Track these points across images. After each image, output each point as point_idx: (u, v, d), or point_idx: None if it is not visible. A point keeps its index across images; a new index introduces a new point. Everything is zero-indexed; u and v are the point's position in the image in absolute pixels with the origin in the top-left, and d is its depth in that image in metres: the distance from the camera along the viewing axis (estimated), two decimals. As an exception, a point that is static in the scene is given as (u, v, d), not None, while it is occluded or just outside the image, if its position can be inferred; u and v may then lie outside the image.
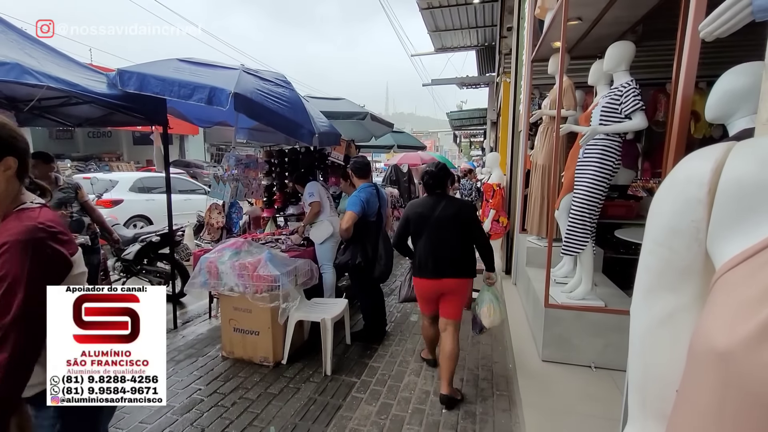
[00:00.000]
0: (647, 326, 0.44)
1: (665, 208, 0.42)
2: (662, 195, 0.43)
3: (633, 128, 2.42)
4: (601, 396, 2.27)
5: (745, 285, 0.32)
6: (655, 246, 0.43)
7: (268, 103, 3.02)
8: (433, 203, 2.55)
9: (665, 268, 0.42)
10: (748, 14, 0.82)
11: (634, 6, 2.73)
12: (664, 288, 0.42)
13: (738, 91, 1.31)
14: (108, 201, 6.57)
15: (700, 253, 0.39)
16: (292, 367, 2.96)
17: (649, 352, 0.44)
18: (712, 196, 0.37)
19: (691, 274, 0.40)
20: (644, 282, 0.45)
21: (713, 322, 0.33)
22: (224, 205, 3.77)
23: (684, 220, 0.40)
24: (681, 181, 0.41)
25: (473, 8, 8.01)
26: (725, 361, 0.31)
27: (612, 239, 3.72)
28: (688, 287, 0.41)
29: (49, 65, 2.51)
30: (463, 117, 15.96)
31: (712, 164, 0.38)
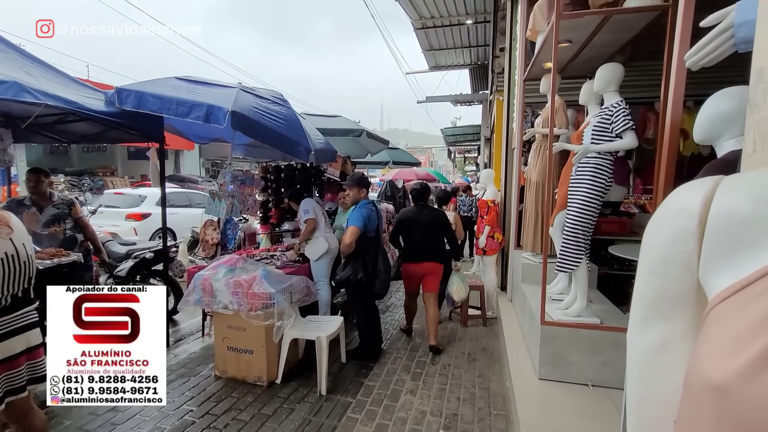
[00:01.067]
0: (643, 354, 0.45)
1: (658, 238, 0.44)
2: (655, 225, 0.44)
3: (624, 147, 2.48)
4: (598, 415, 2.25)
5: (737, 317, 0.33)
6: (648, 275, 0.44)
7: (265, 120, 3.06)
8: (419, 211, 3.70)
9: (659, 297, 0.43)
10: (731, 45, 0.86)
11: (621, 30, 2.81)
12: (658, 316, 0.43)
13: (724, 114, 1.35)
14: (138, 214, 7.07)
15: (693, 283, 0.40)
16: (286, 386, 2.91)
17: (646, 380, 0.44)
18: (702, 228, 0.39)
19: (684, 303, 0.41)
20: (639, 310, 0.46)
21: (707, 354, 0.34)
22: (219, 222, 3.76)
23: (676, 250, 0.41)
24: (672, 212, 0.42)
25: (466, 29, 8.22)
26: (720, 394, 0.31)
27: (606, 255, 3.75)
28: (682, 316, 0.42)
29: (47, 83, 2.53)
30: (458, 133, 16.16)
31: (702, 197, 0.39)
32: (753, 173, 0.38)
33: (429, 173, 11.86)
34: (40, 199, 3.16)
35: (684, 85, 1.09)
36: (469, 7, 7.31)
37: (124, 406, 2.60)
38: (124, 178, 19.63)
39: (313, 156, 3.55)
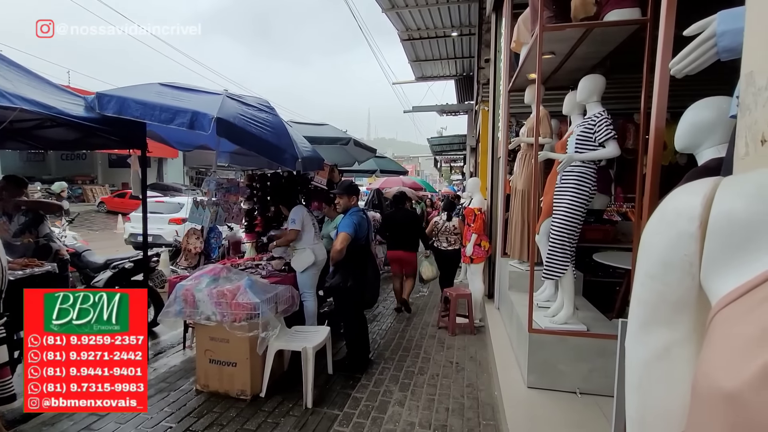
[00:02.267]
0: (644, 360, 0.44)
1: (656, 242, 0.43)
2: (652, 228, 0.43)
3: (606, 156, 2.52)
4: (587, 423, 2.25)
5: (745, 322, 0.32)
6: (647, 279, 0.43)
7: (250, 128, 3.01)
8: (398, 212, 5.13)
9: (659, 301, 0.42)
10: (713, 54, 0.88)
11: (602, 43, 2.89)
12: (658, 322, 0.42)
13: (703, 123, 1.38)
14: (179, 219, 8.42)
15: (694, 287, 0.39)
16: (270, 400, 2.82)
17: (647, 387, 0.43)
18: (703, 230, 0.38)
19: (685, 308, 0.40)
20: (639, 315, 0.45)
21: (716, 361, 0.33)
22: (203, 230, 3.68)
23: (676, 254, 0.40)
24: (671, 215, 0.41)
25: (452, 41, 8.38)
26: (733, 402, 0.30)
27: (590, 263, 3.80)
28: (683, 321, 0.41)
29: (23, 87, 2.45)
30: (444, 143, 16.33)
31: (702, 199, 0.38)
32: (753, 173, 0.38)
33: (416, 182, 11.91)
34: (9, 208, 3.05)
35: (667, 93, 1.11)
36: (454, 20, 7.46)
37: (99, 425, 2.48)
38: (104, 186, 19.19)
39: (300, 164, 3.52)
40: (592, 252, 3.80)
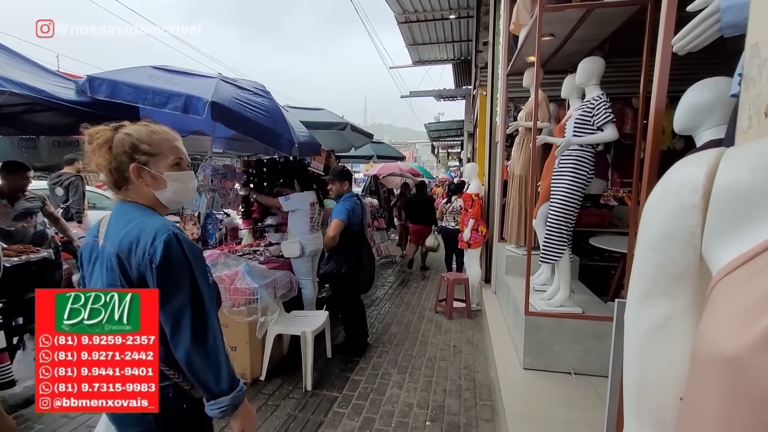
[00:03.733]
0: (643, 332, 0.44)
1: (658, 214, 0.42)
2: (654, 201, 0.43)
3: (605, 139, 2.52)
4: (581, 403, 2.30)
5: (746, 289, 0.32)
6: (648, 252, 0.43)
7: (246, 112, 2.97)
8: (419, 196, 6.85)
9: (660, 273, 0.42)
10: (716, 30, 0.87)
11: (602, 24, 2.85)
12: (659, 294, 0.42)
13: (703, 104, 1.38)
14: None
15: (695, 258, 0.39)
16: (270, 383, 2.86)
17: (645, 358, 0.44)
18: (706, 200, 0.38)
19: (686, 280, 0.41)
20: (639, 288, 0.45)
21: (716, 327, 0.33)
22: (200, 217, 3.66)
23: (678, 225, 0.40)
24: (674, 186, 0.41)
25: (449, 23, 8.23)
26: (733, 366, 0.31)
27: (587, 247, 3.84)
28: (684, 292, 0.41)
29: (12, 70, 2.38)
30: (441, 128, 16.23)
31: (705, 169, 0.38)
32: (757, 143, 0.38)
33: (413, 168, 11.86)
34: (14, 194, 3.05)
35: (668, 75, 1.10)
36: (452, 1, 7.31)
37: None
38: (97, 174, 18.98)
39: (296, 149, 3.48)
40: (588, 236, 3.82)
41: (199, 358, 1.03)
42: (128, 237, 1.02)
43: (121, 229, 1.04)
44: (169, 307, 1.02)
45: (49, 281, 3.00)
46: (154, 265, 1.00)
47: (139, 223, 1.04)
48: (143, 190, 1.10)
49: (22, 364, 3.11)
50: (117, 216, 1.10)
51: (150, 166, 1.10)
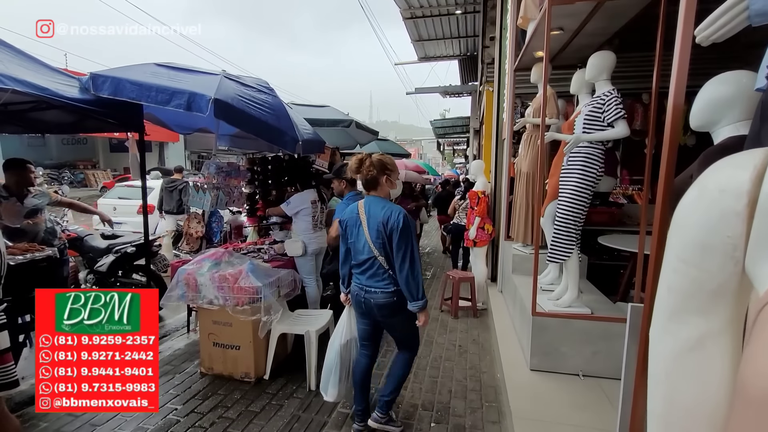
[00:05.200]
0: (673, 352, 0.40)
1: (693, 221, 0.38)
2: (689, 206, 0.38)
3: (615, 136, 2.45)
4: (590, 406, 2.25)
5: None
6: (680, 264, 0.39)
7: (250, 109, 2.94)
8: (444, 192, 8.14)
9: (693, 288, 0.37)
10: (744, 18, 0.81)
11: (613, 17, 2.78)
12: (692, 311, 0.38)
13: (722, 99, 1.32)
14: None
15: (736, 273, 0.35)
16: (274, 382, 2.85)
17: (675, 381, 0.39)
18: (752, 208, 0.33)
19: (724, 296, 0.36)
20: (668, 303, 0.40)
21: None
22: (204, 215, 3.65)
23: (717, 235, 0.35)
24: (713, 191, 0.36)
25: (455, 18, 8.13)
26: None
27: (595, 246, 3.76)
28: (721, 310, 0.36)
29: (15, 68, 2.37)
30: (447, 125, 16.13)
31: (751, 172, 0.33)
32: None
33: (418, 165, 11.78)
34: (21, 190, 3.06)
35: (687, 70, 1.04)
36: (458, -4, 7.22)
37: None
38: (106, 171, 19.17)
39: (300, 147, 3.44)
40: (596, 235, 3.75)
41: (412, 278, 2.02)
42: (386, 214, 2.05)
43: (380, 210, 2.08)
44: (403, 250, 2.01)
45: (54, 279, 3.01)
46: (398, 227, 2.01)
47: (389, 207, 2.08)
48: (385, 190, 2.17)
49: (29, 361, 3.13)
50: (373, 203, 2.13)
51: (391, 177, 2.17)
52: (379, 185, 2.13)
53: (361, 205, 2.15)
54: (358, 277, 2.21)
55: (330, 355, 2.36)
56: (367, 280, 2.14)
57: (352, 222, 2.17)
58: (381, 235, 2.04)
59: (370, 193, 2.16)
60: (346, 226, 2.20)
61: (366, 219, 2.10)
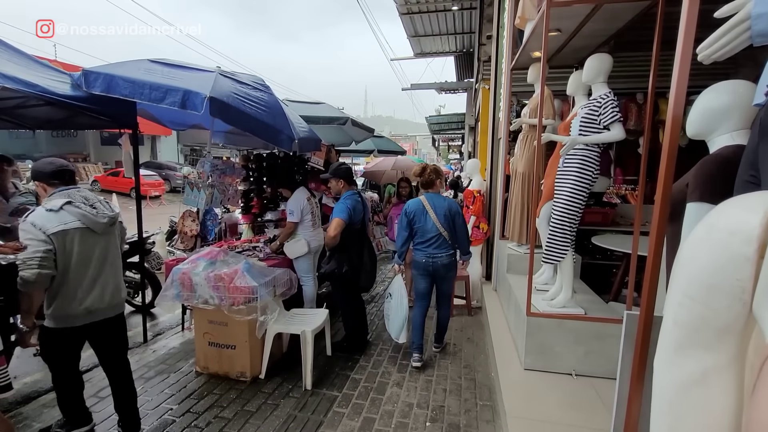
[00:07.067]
0: (677, 386, 0.40)
1: (702, 260, 0.38)
2: (697, 245, 0.39)
3: (611, 139, 2.46)
4: (582, 405, 2.29)
5: None
6: (687, 300, 0.39)
7: (245, 107, 2.91)
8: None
9: (700, 325, 0.38)
10: (746, 38, 0.82)
11: (611, 20, 2.78)
12: (697, 345, 0.38)
13: (718, 108, 1.33)
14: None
15: (743, 314, 0.35)
16: (270, 381, 2.85)
17: (678, 413, 0.40)
18: (762, 252, 0.33)
19: (730, 333, 0.36)
20: (673, 336, 0.41)
21: None
22: (198, 213, 3.62)
23: (726, 277, 0.35)
24: (722, 232, 0.37)
25: (452, 15, 8.10)
26: None
27: (588, 245, 3.80)
28: (726, 346, 0.37)
29: (4, 63, 2.33)
30: (442, 121, 16.11)
31: (762, 217, 0.33)
32: None
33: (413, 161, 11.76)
34: (3, 188, 2.99)
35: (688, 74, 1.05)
36: (455, -8, 7.19)
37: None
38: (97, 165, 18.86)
39: (296, 145, 3.43)
40: (590, 235, 3.79)
41: (466, 239, 3.17)
42: (448, 203, 3.08)
43: (442, 201, 3.07)
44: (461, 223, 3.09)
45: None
46: (457, 210, 3.07)
47: (446, 199, 3.11)
48: (437, 188, 3.14)
49: (21, 360, 3.10)
50: (434, 197, 3.07)
51: (441, 180, 3.17)
52: (434, 185, 3.11)
53: (424, 199, 3.05)
54: (424, 249, 3.06)
55: (401, 311, 3.17)
56: (433, 250, 3.03)
57: (419, 212, 3.04)
58: (447, 217, 3.00)
59: (427, 191, 3.11)
60: (413, 215, 3.04)
61: (432, 208, 3.01)
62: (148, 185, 14.78)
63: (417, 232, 3.05)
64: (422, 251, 3.06)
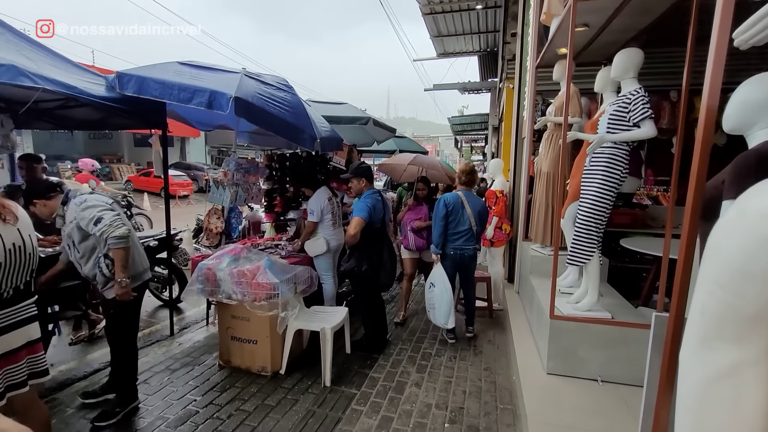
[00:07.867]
0: (703, 380, 0.38)
1: (731, 247, 0.36)
2: (726, 231, 0.36)
3: (641, 137, 2.37)
4: (608, 411, 2.20)
5: None
6: (716, 288, 0.37)
7: (269, 107, 2.97)
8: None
9: (729, 314, 0.36)
10: (787, 22, 0.77)
11: (642, 13, 2.68)
12: (725, 338, 0.36)
13: (757, 101, 1.25)
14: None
15: None
16: (290, 377, 2.89)
17: (706, 408, 0.37)
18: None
19: (761, 323, 0.34)
20: (701, 328, 0.38)
21: None
22: (223, 210, 3.72)
23: (757, 262, 0.33)
24: (753, 215, 0.35)
25: (476, 14, 8.01)
26: None
27: (617, 248, 3.66)
28: (756, 338, 0.34)
29: (46, 67, 2.46)
30: (465, 122, 15.95)
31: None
32: None
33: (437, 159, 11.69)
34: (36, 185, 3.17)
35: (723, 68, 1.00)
36: (479, -9, 7.11)
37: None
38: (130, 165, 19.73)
39: (318, 144, 3.47)
40: (618, 237, 3.65)
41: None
42: (481, 201, 3.55)
43: (476, 200, 3.50)
44: (486, 219, 3.71)
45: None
46: (486, 209, 3.61)
47: (476, 198, 3.53)
48: (470, 187, 3.55)
49: (57, 348, 3.27)
50: (468, 195, 3.48)
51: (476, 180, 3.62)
52: (473, 184, 3.56)
53: (462, 195, 3.42)
54: (456, 242, 3.40)
55: (446, 296, 3.36)
56: (462, 243, 3.41)
57: (458, 206, 3.39)
58: (480, 214, 3.43)
59: (465, 189, 3.50)
60: (452, 206, 3.38)
61: (468, 204, 3.38)
62: (176, 185, 15.28)
63: (450, 225, 3.37)
64: (453, 244, 3.40)
